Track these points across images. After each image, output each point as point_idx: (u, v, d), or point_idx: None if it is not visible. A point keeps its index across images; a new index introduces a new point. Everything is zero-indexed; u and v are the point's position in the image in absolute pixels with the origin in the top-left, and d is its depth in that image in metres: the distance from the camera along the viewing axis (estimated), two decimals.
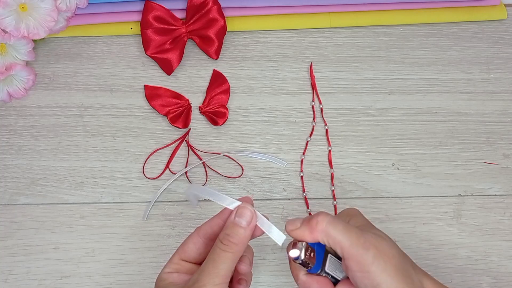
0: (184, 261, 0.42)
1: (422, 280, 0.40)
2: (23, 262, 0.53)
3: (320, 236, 0.39)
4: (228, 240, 0.39)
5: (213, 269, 0.38)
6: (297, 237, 0.39)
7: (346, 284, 0.41)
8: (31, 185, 0.56)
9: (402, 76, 0.63)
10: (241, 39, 0.64)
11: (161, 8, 0.60)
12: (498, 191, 0.58)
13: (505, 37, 0.66)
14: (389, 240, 0.40)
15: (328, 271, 0.40)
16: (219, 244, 0.39)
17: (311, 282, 0.40)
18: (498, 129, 0.61)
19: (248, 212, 0.39)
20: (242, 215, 0.39)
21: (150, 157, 0.57)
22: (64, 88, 0.60)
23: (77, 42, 0.63)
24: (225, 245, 0.39)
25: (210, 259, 0.39)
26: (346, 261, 0.39)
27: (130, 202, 0.56)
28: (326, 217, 0.39)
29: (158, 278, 0.41)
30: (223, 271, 0.38)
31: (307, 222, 0.39)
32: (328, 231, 0.38)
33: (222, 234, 0.39)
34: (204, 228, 0.42)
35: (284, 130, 0.60)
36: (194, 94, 0.61)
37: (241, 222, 0.39)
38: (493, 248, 0.55)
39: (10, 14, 0.53)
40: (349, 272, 0.39)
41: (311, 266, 0.39)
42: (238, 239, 0.39)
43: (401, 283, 0.38)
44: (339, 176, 0.58)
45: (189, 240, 0.42)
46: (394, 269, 0.38)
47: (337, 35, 0.65)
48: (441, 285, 0.41)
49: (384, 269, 0.38)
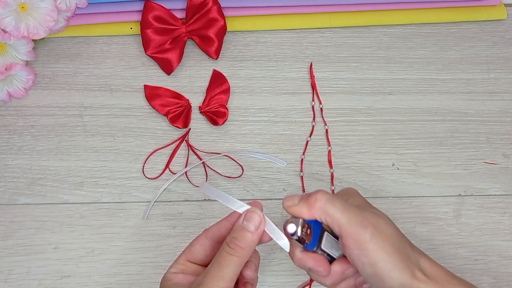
0: (190, 262, 0.42)
1: (419, 259, 0.40)
2: (23, 262, 0.53)
3: (318, 213, 0.39)
4: (235, 244, 0.38)
5: (218, 272, 0.38)
6: (295, 214, 0.39)
7: (342, 262, 0.41)
8: (31, 185, 0.56)
9: (402, 76, 0.63)
10: (241, 39, 0.64)
11: (161, 8, 0.60)
12: (498, 191, 0.58)
13: (505, 37, 0.66)
14: (386, 218, 0.40)
15: (324, 249, 0.40)
16: (226, 247, 0.39)
17: (307, 259, 0.40)
18: (498, 129, 0.61)
19: (257, 216, 0.39)
20: (251, 219, 0.39)
21: (150, 157, 0.57)
22: (64, 88, 0.60)
23: (77, 42, 0.63)
24: (231, 248, 0.38)
25: (216, 262, 0.38)
26: (344, 239, 0.38)
27: (130, 202, 0.56)
28: (325, 195, 0.39)
29: (164, 278, 0.41)
30: (228, 275, 0.38)
31: (306, 199, 0.39)
32: (326, 208, 0.38)
33: (229, 237, 0.39)
34: (212, 231, 0.41)
35: (284, 130, 0.60)
36: (194, 94, 0.61)
37: (249, 226, 0.39)
38: (493, 248, 0.55)
39: (10, 14, 0.53)
40: (346, 250, 0.39)
41: (307, 243, 0.39)
42: (245, 243, 0.38)
43: (399, 261, 0.38)
44: (339, 176, 0.58)
45: (196, 241, 0.42)
46: (392, 247, 0.38)
47: (337, 35, 0.65)
48: (437, 265, 0.41)
49: (382, 247, 0.38)
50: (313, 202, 0.39)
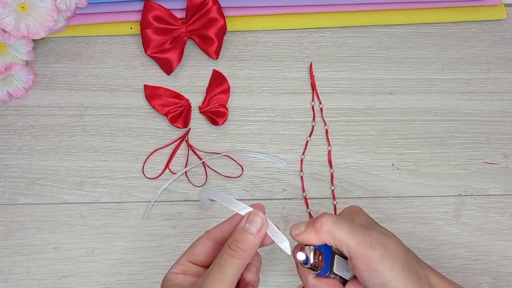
0: (192, 263, 0.42)
1: (428, 274, 0.40)
2: (23, 262, 0.53)
3: (326, 237, 0.39)
4: (236, 246, 0.38)
5: (219, 274, 0.38)
6: (303, 241, 0.39)
7: (355, 284, 0.41)
8: (31, 184, 0.56)
9: (402, 76, 0.63)
10: (241, 39, 0.64)
11: (161, 8, 0.60)
12: (497, 191, 0.58)
13: (505, 37, 0.66)
14: (394, 237, 0.40)
15: (337, 272, 0.40)
16: (227, 249, 0.38)
17: (321, 285, 0.40)
18: (498, 129, 0.61)
19: (259, 219, 0.39)
20: (253, 221, 0.39)
21: (150, 157, 0.57)
22: (64, 88, 0.60)
23: (77, 41, 0.63)
24: (233, 250, 0.38)
25: (217, 264, 0.38)
26: (353, 260, 0.38)
27: (130, 202, 0.56)
28: (331, 218, 0.39)
29: (165, 279, 0.41)
30: (229, 277, 0.38)
31: (312, 225, 0.39)
32: (334, 232, 0.38)
33: (231, 239, 0.39)
34: (214, 232, 0.41)
35: (284, 130, 0.60)
36: (194, 94, 0.61)
37: (251, 229, 0.39)
38: (492, 248, 0.55)
39: (10, 13, 0.53)
40: (356, 271, 0.39)
41: (320, 269, 0.39)
42: (246, 245, 0.38)
43: (409, 280, 0.38)
44: (339, 176, 0.58)
45: (198, 242, 0.42)
46: (401, 266, 0.38)
47: (337, 35, 0.65)
48: (446, 279, 0.41)
49: (392, 267, 0.38)
50: (319, 226, 0.38)
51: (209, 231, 0.42)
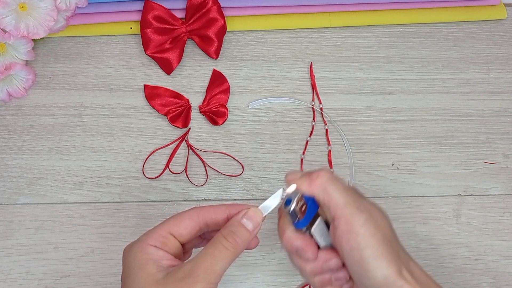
0: (173, 237, 0.39)
1: (409, 261, 0.39)
2: (23, 261, 0.53)
3: (317, 190, 0.38)
4: (233, 238, 0.37)
5: (211, 265, 0.36)
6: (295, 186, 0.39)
7: (329, 251, 0.40)
8: (31, 184, 0.56)
9: (401, 76, 0.63)
10: (241, 38, 0.64)
11: (160, 7, 0.60)
12: (497, 191, 0.58)
13: (505, 36, 0.66)
14: (383, 212, 0.40)
15: (314, 234, 0.40)
16: (223, 240, 0.37)
17: (296, 239, 0.39)
18: (498, 129, 0.61)
19: (258, 219, 0.39)
20: (252, 218, 0.38)
21: (149, 156, 0.57)
22: (63, 88, 0.60)
23: (76, 41, 0.63)
24: (229, 242, 0.37)
25: (209, 254, 0.36)
26: (336, 220, 0.38)
27: (130, 202, 0.56)
28: (327, 174, 0.39)
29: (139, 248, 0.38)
30: (220, 270, 0.36)
31: (308, 175, 0.39)
32: (326, 186, 0.38)
33: (226, 230, 0.38)
34: (207, 211, 0.39)
35: (284, 130, 0.60)
36: (194, 93, 0.61)
37: (248, 225, 0.38)
38: (492, 247, 0.55)
39: (9, 13, 0.53)
40: (336, 232, 0.38)
41: (298, 220, 0.39)
42: (242, 240, 0.38)
43: (387, 253, 0.37)
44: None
45: (186, 215, 0.39)
46: (383, 237, 0.37)
47: (337, 35, 0.65)
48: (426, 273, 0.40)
49: (373, 234, 0.37)
50: (314, 178, 0.39)
51: (199, 209, 0.40)
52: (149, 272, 0.36)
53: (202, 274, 0.35)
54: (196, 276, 0.35)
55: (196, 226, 0.39)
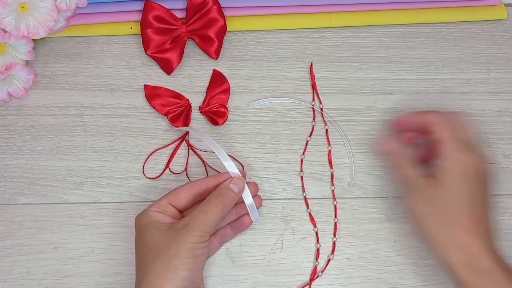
0: (171, 205, 0.48)
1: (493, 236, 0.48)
2: (23, 261, 0.53)
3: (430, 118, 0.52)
4: (222, 198, 0.47)
5: (204, 219, 0.45)
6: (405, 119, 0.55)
7: None
8: (31, 184, 0.56)
9: (402, 76, 0.63)
10: (241, 38, 0.64)
11: (161, 7, 0.60)
12: (498, 191, 0.58)
13: (505, 36, 0.66)
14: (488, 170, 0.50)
15: None
16: (213, 199, 0.47)
17: None
18: (498, 129, 0.61)
19: (242, 184, 0.49)
20: (237, 184, 0.49)
21: (150, 156, 0.58)
22: (64, 88, 0.60)
23: (77, 41, 0.63)
24: (219, 201, 0.47)
25: (202, 211, 0.46)
26: None
27: (130, 202, 0.56)
28: None
29: (144, 213, 0.47)
30: (212, 222, 0.46)
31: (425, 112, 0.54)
32: None
33: (217, 192, 0.48)
34: (199, 183, 0.49)
35: (284, 130, 0.60)
36: (194, 93, 0.61)
37: (234, 188, 0.48)
38: None
39: (10, 13, 0.53)
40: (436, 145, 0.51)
41: None
42: (229, 199, 0.47)
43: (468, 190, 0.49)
44: (339, 176, 0.58)
45: (181, 189, 0.49)
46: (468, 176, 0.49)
47: (337, 35, 0.65)
48: None
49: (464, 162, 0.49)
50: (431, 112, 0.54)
51: (193, 182, 0.49)
52: (154, 226, 0.46)
53: (197, 225, 0.45)
54: (191, 226, 0.45)
55: (190, 196, 0.49)
